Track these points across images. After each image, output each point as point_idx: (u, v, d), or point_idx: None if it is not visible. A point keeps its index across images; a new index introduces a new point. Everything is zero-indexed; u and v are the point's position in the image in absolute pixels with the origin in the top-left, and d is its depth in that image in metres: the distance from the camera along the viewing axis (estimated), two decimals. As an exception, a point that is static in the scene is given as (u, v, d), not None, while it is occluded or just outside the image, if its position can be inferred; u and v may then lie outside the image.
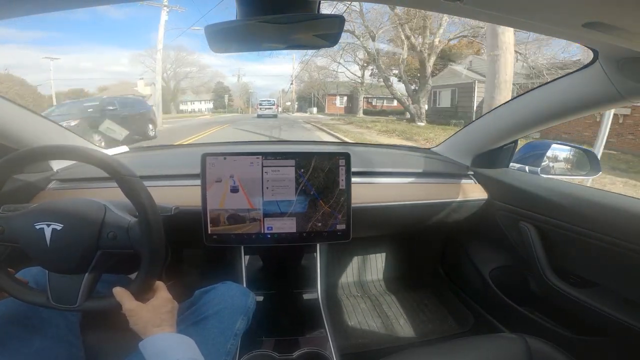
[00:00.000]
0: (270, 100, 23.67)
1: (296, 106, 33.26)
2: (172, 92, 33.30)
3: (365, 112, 21.60)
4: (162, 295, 0.62)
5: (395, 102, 23.73)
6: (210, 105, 38.32)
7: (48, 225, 0.56)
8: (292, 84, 32.76)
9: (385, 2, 0.54)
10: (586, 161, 1.21)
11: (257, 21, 0.54)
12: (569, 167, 1.24)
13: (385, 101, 24.94)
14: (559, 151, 1.22)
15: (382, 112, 22.25)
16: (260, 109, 22.46)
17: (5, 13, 0.50)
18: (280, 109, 30.59)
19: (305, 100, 32.41)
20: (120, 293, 0.59)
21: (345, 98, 27.20)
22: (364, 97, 22.40)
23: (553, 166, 1.21)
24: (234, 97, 41.19)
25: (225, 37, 0.61)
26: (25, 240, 0.57)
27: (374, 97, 24.84)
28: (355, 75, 20.60)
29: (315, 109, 29.41)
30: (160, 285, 0.64)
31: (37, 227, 0.56)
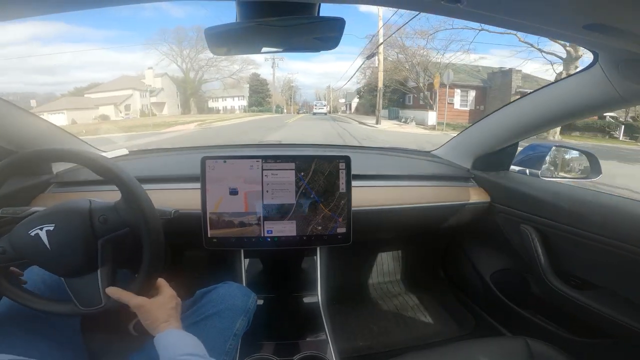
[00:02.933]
0: (322, 102, 31.45)
1: (358, 105, 22.61)
2: (193, 86, 27.10)
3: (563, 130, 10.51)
4: (167, 292, 0.63)
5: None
6: (244, 102, 31.24)
7: (41, 229, 0.56)
8: (377, 55, 15.45)
9: (384, 3, 0.54)
10: (587, 163, 1.21)
11: (256, 24, 0.54)
12: (569, 169, 1.23)
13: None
14: (560, 154, 1.22)
15: (576, 127, 11.50)
16: (315, 108, 29.34)
17: (8, 14, 0.50)
18: (329, 108, 33.76)
19: (387, 97, 18.00)
20: (116, 292, 0.59)
21: (473, 93, 14.91)
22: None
23: (554, 169, 1.20)
24: (272, 92, 33.23)
25: (225, 40, 0.61)
26: (28, 252, 0.57)
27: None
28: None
29: (434, 115, 14.35)
30: (162, 282, 0.65)
31: (32, 233, 0.56)
